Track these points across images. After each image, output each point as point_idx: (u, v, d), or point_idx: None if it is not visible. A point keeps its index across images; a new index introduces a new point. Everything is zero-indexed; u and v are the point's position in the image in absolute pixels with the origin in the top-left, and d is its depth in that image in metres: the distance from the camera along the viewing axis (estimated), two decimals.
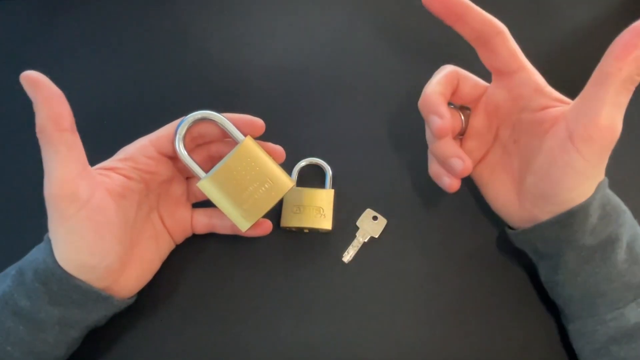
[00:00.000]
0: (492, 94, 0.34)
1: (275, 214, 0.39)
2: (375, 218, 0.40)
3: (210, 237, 0.39)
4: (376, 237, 0.39)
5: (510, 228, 0.36)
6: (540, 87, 0.32)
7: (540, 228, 0.32)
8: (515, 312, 0.37)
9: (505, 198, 0.35)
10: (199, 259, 0.39)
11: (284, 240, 0.40)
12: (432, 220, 0.40)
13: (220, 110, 0.45)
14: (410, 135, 0.43)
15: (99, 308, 0.32)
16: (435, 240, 0.39)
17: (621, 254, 0.31)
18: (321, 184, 0.41)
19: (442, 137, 0.33)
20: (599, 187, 0.31)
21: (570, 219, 0.31)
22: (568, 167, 0.30)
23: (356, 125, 0.44)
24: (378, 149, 0.43)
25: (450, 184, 0.35)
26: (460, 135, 0.37)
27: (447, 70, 0.34)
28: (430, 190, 0.41)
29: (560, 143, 0.30)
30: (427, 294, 0.37)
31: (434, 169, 0.36)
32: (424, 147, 0.43)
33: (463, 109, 0.36)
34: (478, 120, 0.36)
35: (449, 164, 0.33)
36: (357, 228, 0.40)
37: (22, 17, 0.51)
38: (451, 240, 0.39)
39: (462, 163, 0.33)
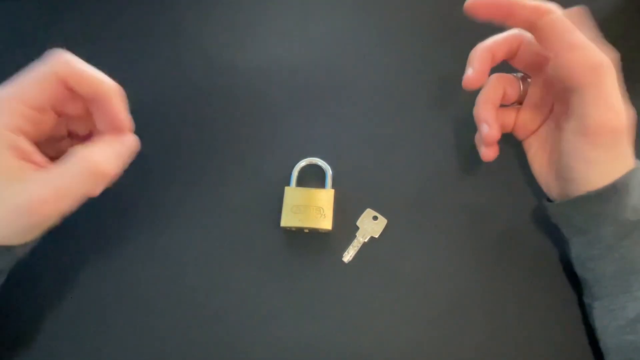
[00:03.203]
0: (551, 68, 0.33)
1: (275, 214, 0.39)
2: (375, 218, 0.40)
3: (211, 236, 0.39)
4: (376, 237, 0.39)
5: (549, 200, 0.36)
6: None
7: (582, 200, 0.32)
8: (517, 311, 0.37)
9: (548, 172, 0.35)
10: (199, 258, 0.39)
11: (284, 240, 0.40)
12: (432, 220, 0.40)
13: (221, 110, 0.45)
14: (410, 135, 0.43)
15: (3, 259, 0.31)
16: (435, 240, 0.39)
17: None
18: (321, 184, 0.41)
19: (465, 87, 0.33)
20: (638, 167, 0.32)
21: (612, 194, 0.31)
22: (576, 155, 0.31)
23: (356, 125, 0.44)
24: (378, 149, 0.43)
25: (483, 152, 0.36)
26: (519, 104, 0.37)
27: (510, 32, 0.33)
28: (430, 190, 0.41)
29: (568, 130, 0.32)
30: (427, 294, 0.37)
31: (476, 136, 0.37)
32: (424, 147, 0.43)
33: (524, 78, 0.36)
34: (535, 92, 0.35)
35: (479, 127, 0.35)
36: (357, 228, 0.40)
37: (22, 17, 0.51)
38: (451, 240, 0.39)
39: (488, 128, 0.34)
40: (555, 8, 0.30)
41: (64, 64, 0.30)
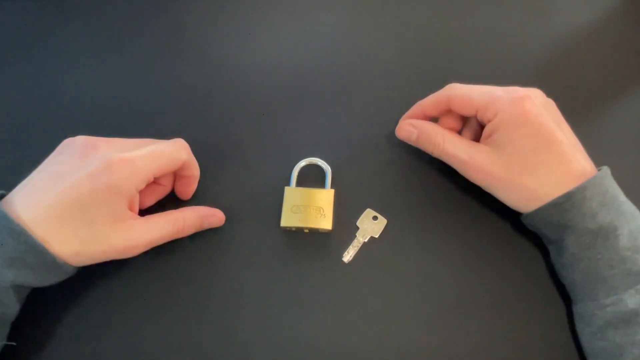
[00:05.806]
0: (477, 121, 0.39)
1: (275, 214, 0.39)
2: (375, 218, 0.40)
3: (211, 237, 0.39)
4: (376, 237, 0.39)
5: None
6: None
7: (542, 211, 0.34)
8: (516, 311, 0.37)
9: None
10: (200, 258, 0.39)
11: (284, 240, 0.40)
12: (432, 220, 0.40)
13: (221, 110, 0.45)
14: None
15: (52, 274, 0.33)
16: (435, 240, 0.39)
17: (623, 241, 0.32)
18: (321, 184, 0.41)
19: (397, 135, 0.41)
20: (596, 175, 0.32)
21: (568, 202, 0.32)
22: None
23: (356, 125, 0.44)
24: (378, 149, 0.43)
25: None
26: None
27: (438, 94, 0.38)
28: (430, 190, 0.41)
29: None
30: (427, 294, 0.37)
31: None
32: None
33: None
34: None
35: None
36: (357, 228, 0.40)
37: (23, 16, 0.51)
38: (451, 240, 0.39)
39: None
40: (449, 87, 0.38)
41: (186, 153, 0.38)
